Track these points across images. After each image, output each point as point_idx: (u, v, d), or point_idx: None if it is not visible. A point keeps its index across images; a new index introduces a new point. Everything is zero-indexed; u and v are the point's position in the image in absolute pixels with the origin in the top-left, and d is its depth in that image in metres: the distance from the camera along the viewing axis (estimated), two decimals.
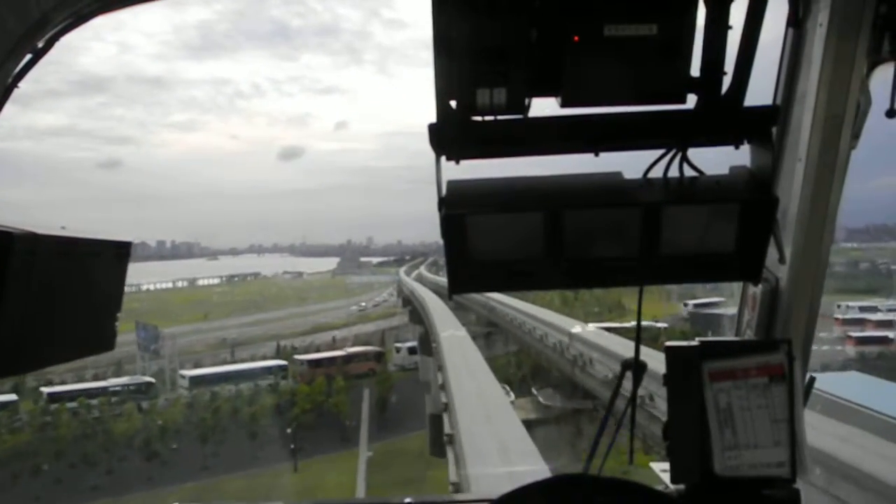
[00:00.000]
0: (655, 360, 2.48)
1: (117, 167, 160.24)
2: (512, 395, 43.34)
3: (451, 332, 50.94)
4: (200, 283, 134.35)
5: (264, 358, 71.28)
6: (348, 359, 63.47)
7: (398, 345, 68.75)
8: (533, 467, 24.28)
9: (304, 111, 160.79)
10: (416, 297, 75.58)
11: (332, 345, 76.54)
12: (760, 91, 2.33)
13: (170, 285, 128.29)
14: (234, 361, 71.31)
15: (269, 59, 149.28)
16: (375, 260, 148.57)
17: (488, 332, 64.24)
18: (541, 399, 47.88)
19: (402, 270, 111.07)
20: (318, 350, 72.55)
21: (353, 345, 76.17)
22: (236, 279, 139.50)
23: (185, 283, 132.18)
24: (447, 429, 33.03)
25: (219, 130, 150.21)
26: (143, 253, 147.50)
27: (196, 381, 58.20)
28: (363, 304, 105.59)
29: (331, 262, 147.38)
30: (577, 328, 47.94)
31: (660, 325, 56.84)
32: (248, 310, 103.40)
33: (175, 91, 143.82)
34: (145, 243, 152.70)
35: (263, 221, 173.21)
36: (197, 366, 70.88)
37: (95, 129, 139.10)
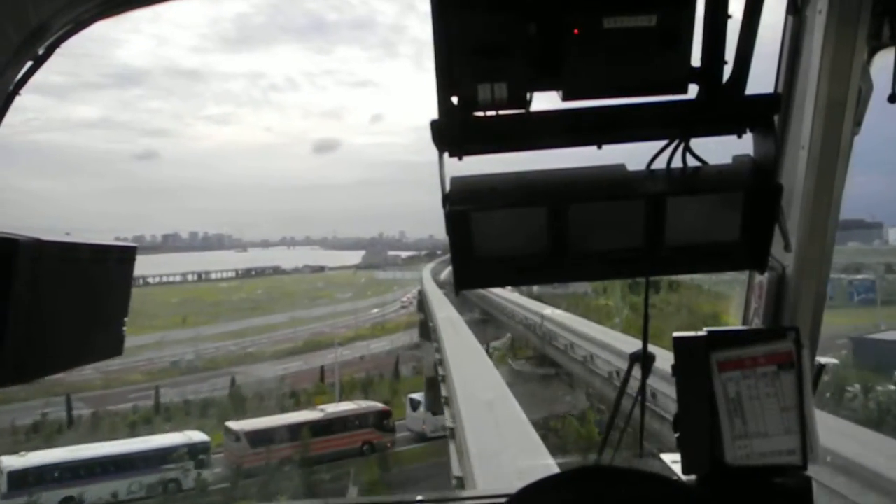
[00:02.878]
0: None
1: (153, 159, 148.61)
2: None
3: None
4: (214, 276, 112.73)
5: (203, 406, 40.31)
6: (326, 426, 32.18)
7: (414, 397, 36.72)
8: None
9: (339, 104, 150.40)
10: (434, 323, 43.20)
11: (316, 385, 45.16)
12: (762, 79, 2.17)
13: (178, 279, 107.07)
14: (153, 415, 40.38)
15: (304, 52, 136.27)
16: (404, 254, 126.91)
17: None
18: None
19: (427, 269, 78.75)
20: (284, 405, 40.85)
21: (352, 377, 44.82)
22: (253, 273, 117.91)
23: (194, 277, 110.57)
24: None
25: (253, 123, 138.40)
26: (173, 244, 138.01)
27: (21, 481, 27.04)
28: (377, 310, 75.81)
29: (358, 256, 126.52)
30: None
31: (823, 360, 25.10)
32: (241, 313, 76.24)
33: (211, 84, 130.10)
34: (177, 234, 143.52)
35: (296, 214, 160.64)
36: (97, 419, 40.25)
37: (132, 121, 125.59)
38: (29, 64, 1.82)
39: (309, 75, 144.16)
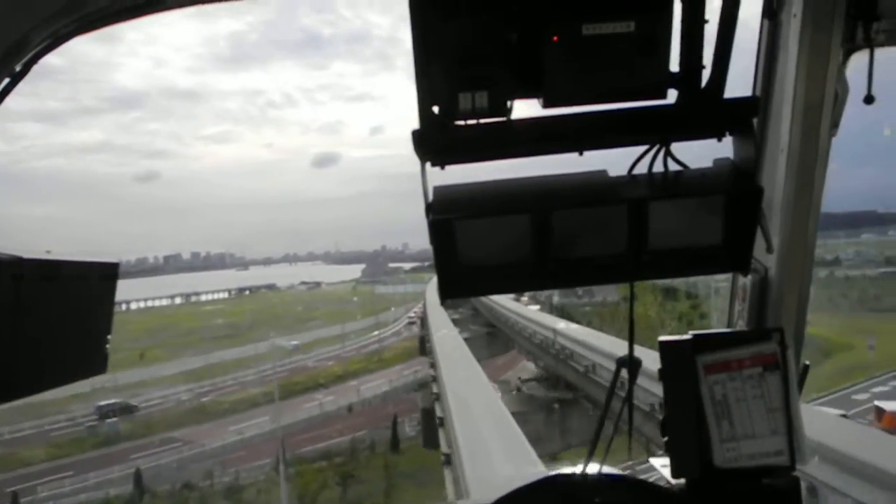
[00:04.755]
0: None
1: (154, 181, 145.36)
2: None
3: None
4: (204, 297, 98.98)
5: None
6: None
7: None
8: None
9: (337, 119, 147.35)
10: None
11: (271, 472, 28.42)
12: (740, 83, 2.10)
13: (165, 302, 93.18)
14: None
15: (300, 68, 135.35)
16: (407, 266, 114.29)
17: None
18: None
19: (433, 285, 62.17)
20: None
21: (328, 450, 28.20)
22: (247, 292, 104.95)
23: (182, 300, 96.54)
24: None
25: (252, 141, 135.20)
26: (175, 265, 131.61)
27: None
28: (378, 332, 59.58)
29: (359, 270, 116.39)
30: None
31: None
32: (214, 342, 59.28)
33: (208, 103, 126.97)
34: (179, 255, 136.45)
35: (298, 230, 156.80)
36: None
37: (131, 143, 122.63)
38: (6, 80, 1.77)
39: (306, 91, 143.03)
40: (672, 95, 1.81)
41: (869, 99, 2.02)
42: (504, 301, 45.26)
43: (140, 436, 37.70)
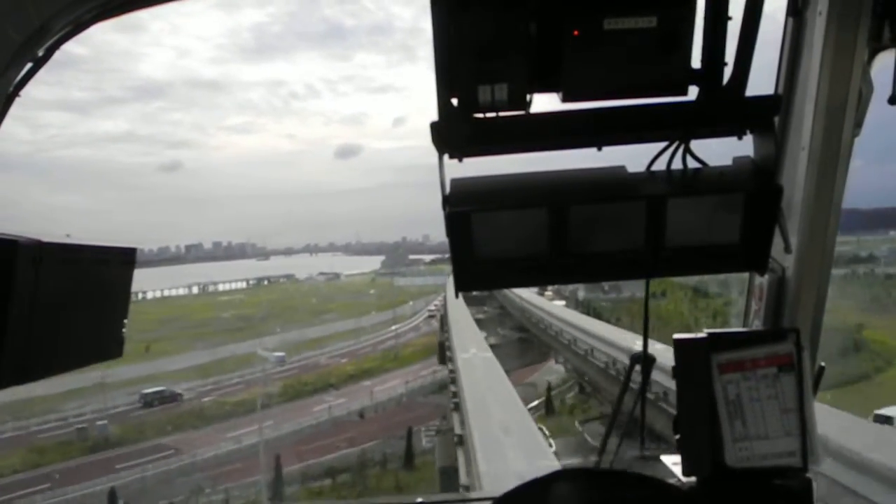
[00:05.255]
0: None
1: (177, 171, 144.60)
2: None
3: None
4: (221, 287, 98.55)
5: None
6: None
7: None
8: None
9: (360, 110, 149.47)
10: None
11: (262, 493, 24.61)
12: (762, 81, 2.07)
13: (182, 291, 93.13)
14: None
15: (323, 59, 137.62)
16: (427, 258, 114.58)
17: None
18: None
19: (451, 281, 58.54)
20: None
21: (331, 465, 24.08)
22: (265, 282, 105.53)
23: (199, 290, 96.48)
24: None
25: (275, 132, 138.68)
26: (196, 254, 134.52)
27: None
28: (396, 326, 55.85)
29: (378, 262, 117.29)
30: None
31: None
32: (224, 335, 56.68)
33: (231, 94, 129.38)
34: (201, 244, 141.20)
35: (320, 220, 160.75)
36: None
37: (155, 133, 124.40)
38: (29, 65, 1.76)
39: (329, 82, 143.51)
40: (693, 92, 1.77)
41: (893, 99, 1.95)
42: (535, 299, 40.90)
43: (131, 441, 34.36)
